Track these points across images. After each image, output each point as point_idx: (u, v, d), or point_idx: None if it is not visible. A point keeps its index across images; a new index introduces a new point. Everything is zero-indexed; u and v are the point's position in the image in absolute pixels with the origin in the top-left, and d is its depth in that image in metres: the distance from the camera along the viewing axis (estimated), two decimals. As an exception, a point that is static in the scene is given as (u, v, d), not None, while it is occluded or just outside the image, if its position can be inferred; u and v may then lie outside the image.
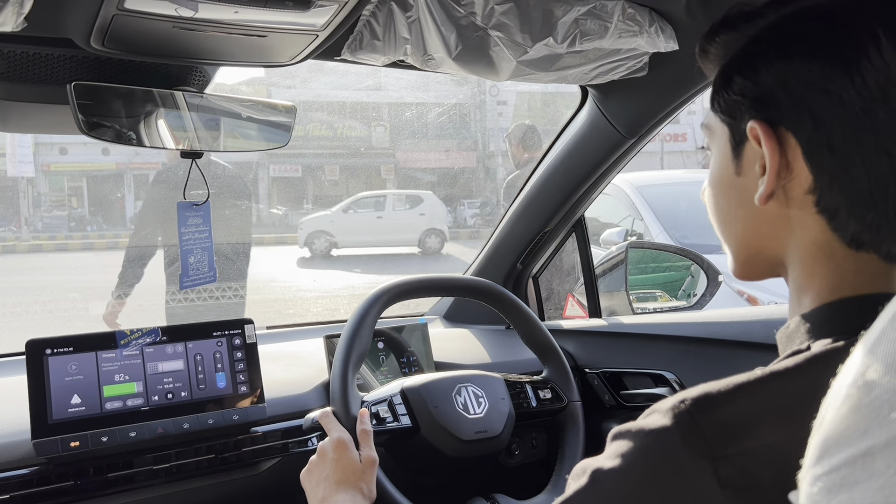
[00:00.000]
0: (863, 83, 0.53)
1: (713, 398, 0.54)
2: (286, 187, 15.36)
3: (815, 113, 0.56)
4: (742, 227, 0.64)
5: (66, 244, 12.26)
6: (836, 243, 0.58)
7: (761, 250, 0.64)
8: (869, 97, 0.53)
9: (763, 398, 0.54)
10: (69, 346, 1.20)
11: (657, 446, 0.54)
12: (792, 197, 0.59)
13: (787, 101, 0.57)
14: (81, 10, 0.92)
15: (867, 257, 0.58)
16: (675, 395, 0.56)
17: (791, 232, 0.60)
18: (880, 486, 0.38)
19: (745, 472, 0.52)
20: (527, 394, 1.42)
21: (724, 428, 0.53)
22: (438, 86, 12.50)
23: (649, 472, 0.55)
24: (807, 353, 0.56)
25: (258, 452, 1.32)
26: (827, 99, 0.55)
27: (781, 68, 0.57)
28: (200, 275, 1.32)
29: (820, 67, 0.55)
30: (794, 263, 0.62)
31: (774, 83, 0.58)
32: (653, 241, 4.03)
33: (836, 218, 0.57)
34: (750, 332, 1.40)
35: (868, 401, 0.40)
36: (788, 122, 0.57)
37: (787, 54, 0.57)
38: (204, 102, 1.22)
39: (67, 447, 1.15)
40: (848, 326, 0.56)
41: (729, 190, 0.64)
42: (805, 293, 0.61)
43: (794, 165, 0.58)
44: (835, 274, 0.59)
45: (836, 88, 0.54)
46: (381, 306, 1.35)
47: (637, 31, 1.17)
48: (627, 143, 1.54)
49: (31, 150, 12.81)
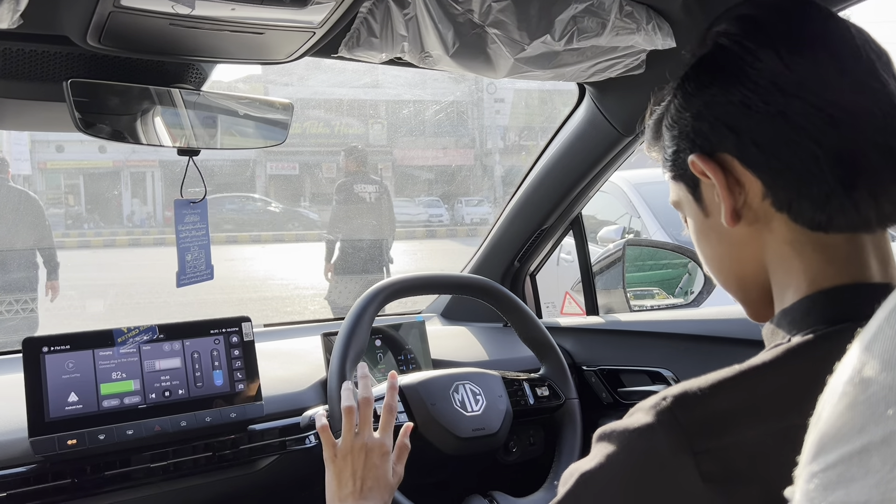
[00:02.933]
0: (754, 84, 0.60)
1: (693, 394, 0.56)
2: (283, 185, 15.34)
3: (731, 124, 0.62)
4: (730, 262, 0.68)
5: (63, 242, 12.22)
6: (804, 235, 0.61)
7: (754, 278, 0.67)
8: (765, 91, 0.60)
9: (742, 392, 0.56)
10: (66, 344, 1.20)
11: (640, 444, 0.57)
12: (755, 210, 0.63)
13: (706, 127, 0.64)
14: (78, 7, 0.92)
15: (834, 241, 0.61)
16: (658, 393, 0.58)
17: (765, 245, 0.64)
18: (876, 483, 0.38)
19: (726, 465, 0.54)
20: (524, 391, 1.42)
21: (704, 423, 0.55)
22: (436, 83, 12.50)
23: (635, 471, 0.57)
24: (785, 346, 0.58)
25: (256, 450, 1.32)
26: (734, 109, 0.61)
27: (691, 106, 0.65)
28: (197, 272, 1.32)
29: (718, 89, 0.63)
30: (775, 271, 0.65)
31: (690, 119, 0.65)
32: (650, 239, 4.03)
33: (792, 208, 0.61)
34: (747, 329, 1.40)
35: (864, 398, 0.40)
36: (717, 144, 0.63)
37: (688, 94, 0.66)
38: (201, 100, 1.21)
39: (64, 445, 1.14)
40: (826, 317, 0.59)
41: (707, 233, 0.69)
42: (786, 291, 0.64)
43: (741, 178, 0.62)
44: (809, 268, 0.62)
45: (736, 98, 0.61)
46: (378, 304, 1.35)
47: (634, 29, 1.17)
48: (625, 140, 1.54)
49: (27, 148, 12.78)
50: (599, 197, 1.91)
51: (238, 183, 13.98)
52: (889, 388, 0.39)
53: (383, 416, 1.09)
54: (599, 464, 0.59)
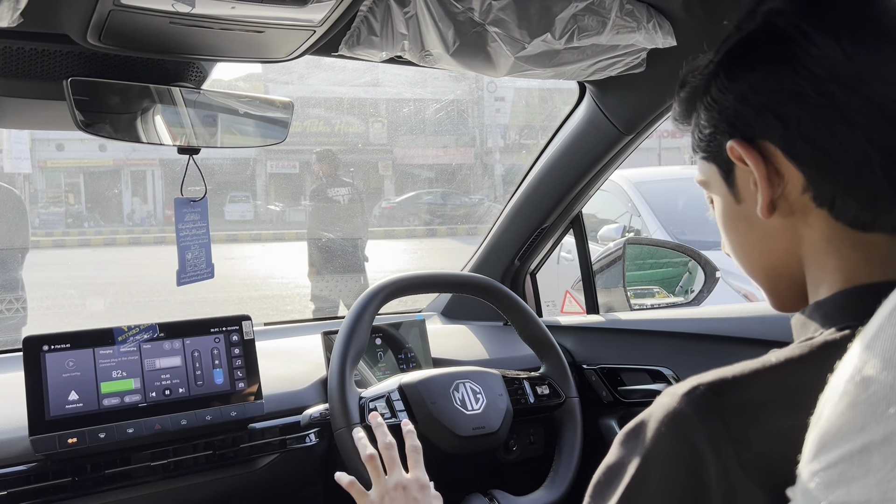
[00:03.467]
0: (809, 73, 0.56)
1: (728, 382, 0.54)
2: (284, 183, 15.33)
3: (779, 113, 0.58)
4: (759, 252, 0.66)
5: (63, 240, 12.22)
6: (843, 232, 0.59)
7: (784, 270, 0.65)
8: (819, 81, 0.56)
9: (778, 383, 0.54)
10: (66, 343, 1.20)
11: (675, 434, 0.53)
12: (792, 202, 0.60)
13: (751, 113, 0.60)
14: (78, 6, 0.92)
15: (875, 240, 0.58)
16: (684, 382, 0.56)
17: (801, 239, 0.62)
18: (877, 482, 0.38)
19: (766, 455, 0.52)
20: (524, 390, 1.42)
21: (742, 411, 0.53)
22: (436, 82, 12.49)
23: (671, 463, 0.54)
24: (819, 339, 0.56)
25: (256, 449, 1.32)
26: (784, 97, 0.58)
27: (736, 87, 0.61)
28: (198, 271, 1.32)
29: (767, 73, 0.59)
30: (809, 266, 0.62)
31: (735, 102, 0.61)
32: (650, 238, 4.03)
33: (835, 206, 0.58)
34: (747, 328, 1.40)
35: (865, 397, 0.40)
36: (760, 131, 0.60)
37: (735, 75, 0.61)
38: (201, 98, 1.21)
39: (65, 444, 1.14)
40: (861, 314, 0.55)
41: (736, 221, 0.66)
42: (820, 286, 0.62)
43: (782, 170, 0.59)
44: (846, 264, 0.59)
45: (787, 86, 0.57)
46: (378, 302, 1.35)
47: (635, 27, 1.17)
48: (625, 139, 1.54)
49: (27, 147, 12.77)
50: (600, 195, 1.91)
51: (238, 182, 13.98)
52: (890, 387, 0.39)
53: (410, 458, 1.08)
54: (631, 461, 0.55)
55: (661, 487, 0.54)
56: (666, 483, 0.54)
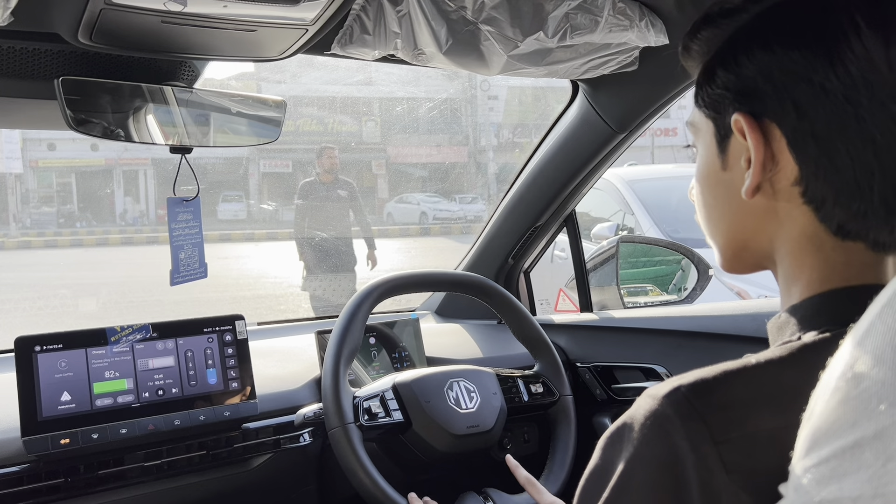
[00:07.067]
0: (845, 71, 0.53)
1: (710, 383, 0.53)
2: (277, 182, 15.30)
3: (798, 103, 0.55)
4: (729, 223, 0.64)
5: (55, 241, 12.18)
6: (824, 234, 0.58)
7: (749, 244, 0.64)
8: (851, 85, 0.53)
9: (760, 384, 0.53)
10: (59, 343, 1.20)
11: (657, 436, 0.53)
12: (778, 189, 0.59)
13: (770, 91, 0.57)
14: (69, 5, 0.91)
15: (855, 247, 0.58)
16: (664, 383, 0.55)
17: (779, 225, 0.60)
18: (869, 478, 0.38)
19: (749, 456, 0.51)
20: (518, 388, 1.42)
21: (724, 412, 0.52)
22: (429, 80, 12.48)
23: (654, 466, 0.53)
24: (798, 343, 0.55)
25: (249, 449, 1.31)
26: (810, 88, 0.55)
27: (763, 59, 0.57)
28: (191, 270, 1.31)
29: (801, 56, 0.55)
30: (782, 256, 0.61)
31: (757, 74, 0.58)
32: (644, 236, 4.04)
33: (822, 208, 0.57)
34: (740, 325, 1.40)
35: (856, 393, 0.41)
36: (772, 113, 0.57)
37: (768, 44, 0.57)
38: (193, 97, 1.21)
39: (57, 444, 1.14)
40: (838, 317, 0.55)
41: (716, 186, 0.64)
42: (795, 284, 0.61)
43: (779, 157, 0.58)
44: (824, 265, 0.59)
45: (818, 77, 0.54)
46: (372, 302, 1.35)
47: (627, 26, 1.17)
48: (618, 137, 1.54)
49: (18, 146, 12.72)
50: (593, 194, 1.91)
51: (231, 181, 13.94)
52: (881, 383, 0.39)
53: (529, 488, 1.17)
54: (614, 466, 0.55)
55: (645, 490, 0.53)
56: (649, 485, 0.53)
